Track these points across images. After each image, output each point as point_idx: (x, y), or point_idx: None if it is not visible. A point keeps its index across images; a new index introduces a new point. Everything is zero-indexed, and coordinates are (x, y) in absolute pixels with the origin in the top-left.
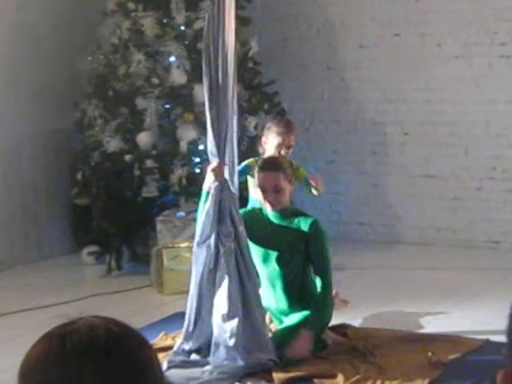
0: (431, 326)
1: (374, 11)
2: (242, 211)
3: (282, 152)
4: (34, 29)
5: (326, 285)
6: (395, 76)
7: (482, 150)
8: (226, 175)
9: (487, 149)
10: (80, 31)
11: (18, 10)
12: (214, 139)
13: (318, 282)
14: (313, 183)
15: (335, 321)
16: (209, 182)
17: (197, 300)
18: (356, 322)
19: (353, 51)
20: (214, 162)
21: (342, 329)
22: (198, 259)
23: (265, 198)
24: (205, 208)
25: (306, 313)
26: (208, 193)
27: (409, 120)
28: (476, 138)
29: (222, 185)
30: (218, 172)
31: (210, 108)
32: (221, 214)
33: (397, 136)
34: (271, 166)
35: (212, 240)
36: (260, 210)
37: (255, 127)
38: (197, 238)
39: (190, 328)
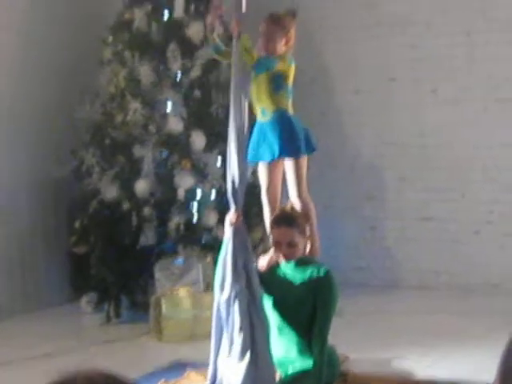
0: (430, 371)
1: (369, 57)
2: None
3: None
4: (32, 78)
5: (322, 341)
6: (391, 121)
7: (479, 194)
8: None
9: (484, 193)
10: (77, 80)
11: (17, 60)
12: (234, 186)
13: (315, 334)
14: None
15: None
16: (227, 231)
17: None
18: (356, 367)
19: (348, 96)
20: (232, 210)
21: (341, 376)
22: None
23: (279, 250)
24: (221, 255)
25: (310, 362)
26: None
27: (405, 164)
28: (473, 182)
29: (236, 230)
30: (234, 221)
31: (238, 154)
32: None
33: (393, 180)
34: (286, 221)
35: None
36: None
37: (252, 173)
38: (217, 289)
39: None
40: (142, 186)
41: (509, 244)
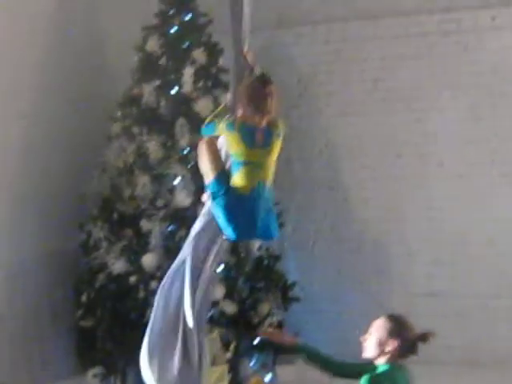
0: None
1: (375, 132)
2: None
3: None
4: (40, 152)
5: None
6: (397, 195)
7: (485, 268)
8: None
9: (491, 267)
10: (85, 154)
11: (26, 135)
12: None
13: None
14: None
15: None
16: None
17: None
18: None
19: (355, 171)
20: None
21: None
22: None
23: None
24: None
25: None
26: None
27: (411, 238)
28: (479, 256)
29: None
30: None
31: None
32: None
33: (400, 255)
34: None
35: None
36: None
37: (259, 248)
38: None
39: None
40: (149, 260)
41: None
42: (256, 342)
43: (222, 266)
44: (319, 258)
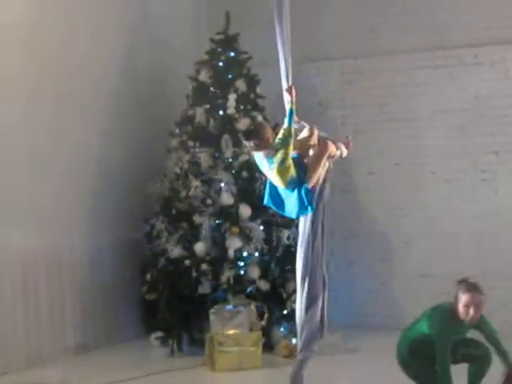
0: None
1: (380, 146)
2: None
3: None
4: (115, 161)
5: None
6: (398, 197)
7: (470, 254)
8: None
9: (475, 253)
10: (150, 163)
11: (104, 148)
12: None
13: None
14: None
15: None
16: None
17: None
18: None
19: (363, 177)
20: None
21: None
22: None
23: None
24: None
25: None
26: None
27: (409, 231)
28: (465, 245)
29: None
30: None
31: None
32: None
33: (399, 245)
34: (475, 288)
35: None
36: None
37: (288, 238)
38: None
39: None
40: (200, 247)
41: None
42: (285, 312)
43: (257, 253)
44: (335, 248)
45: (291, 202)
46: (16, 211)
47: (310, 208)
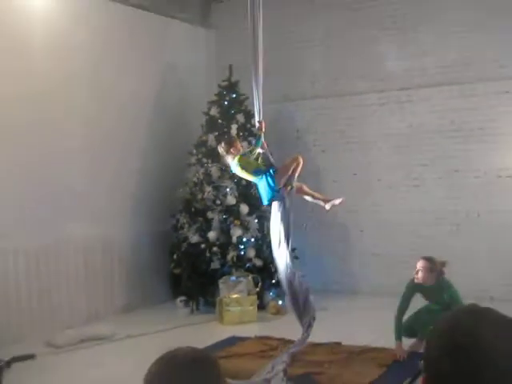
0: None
1: (341, 161)
2: None
3: None
4: (150, 175)
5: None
6: (354, 198)
7: (409, 239)
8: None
9: (412, 238)
10: (174, 175)
11: (141, 164)
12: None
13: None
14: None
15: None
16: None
17: None
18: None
19: (329, 184)
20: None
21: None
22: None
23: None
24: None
25: None
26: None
27: (362, 223)
28: (404, 232)
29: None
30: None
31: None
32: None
33: (356, 232)
34: (427, 257)
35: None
36: None
37: None
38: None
39: None
40: (212, 235)
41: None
42: (273, 281)
43: (253, 239)
44: (308, 234)
45: (263, 191)
46: (79, 210)
47: (275, 191)
